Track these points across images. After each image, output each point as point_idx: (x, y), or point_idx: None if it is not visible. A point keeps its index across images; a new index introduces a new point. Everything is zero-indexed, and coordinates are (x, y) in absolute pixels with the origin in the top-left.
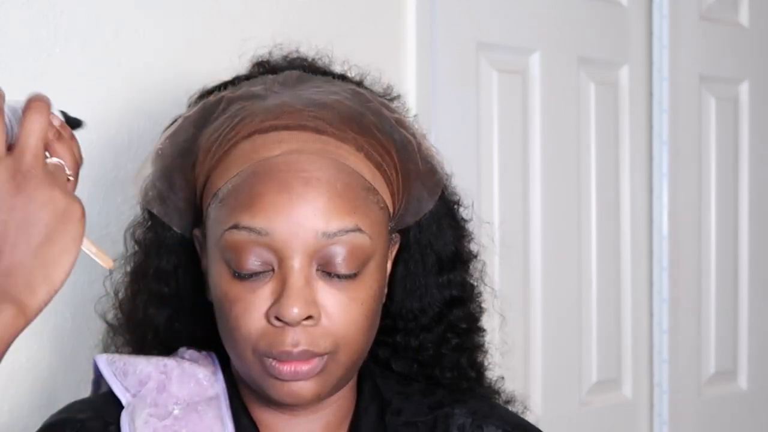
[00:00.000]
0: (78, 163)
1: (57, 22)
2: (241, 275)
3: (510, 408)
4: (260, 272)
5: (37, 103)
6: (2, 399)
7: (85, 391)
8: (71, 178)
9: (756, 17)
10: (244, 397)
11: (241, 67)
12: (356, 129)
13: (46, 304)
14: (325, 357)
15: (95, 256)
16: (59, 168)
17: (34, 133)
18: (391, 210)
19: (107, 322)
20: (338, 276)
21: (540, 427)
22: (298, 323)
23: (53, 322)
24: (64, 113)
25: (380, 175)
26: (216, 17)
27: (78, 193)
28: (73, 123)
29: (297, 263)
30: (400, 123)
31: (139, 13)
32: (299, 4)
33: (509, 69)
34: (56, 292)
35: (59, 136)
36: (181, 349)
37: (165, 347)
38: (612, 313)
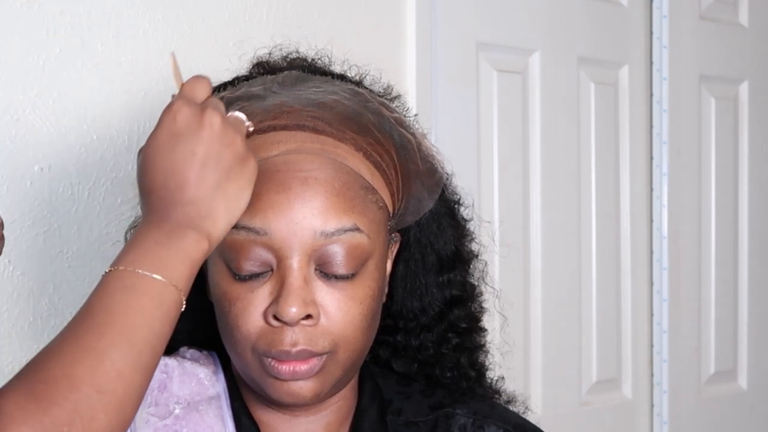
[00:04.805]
0: None
1: (57, 22)
2: (239, 276)
3: (511, 408)
4: (259, 272)
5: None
6: None
7: None
8: (251, 129)
9: (755, 17)
10: (245, 397)
11: (241, 67)
12: (355, 129)
13: (224, 235)
14: (324, 357)
15: None
16: (239, 119)
17: (205, 87)
18: (390, 209)
19: None
20: (336, 276)
21: (540, 427)
22: (296, 323)
23: (53, 322)
24: None
25: (379, 175)
26: (216, 18)
27: (78, 193)
28: None
29: (295, 263)
30: (400, 122)
31: (139, 13)
32: (299, 5)
33: (509, 69)
34: (232, 225)
35: None
36: (183, 349)
37: (166, 348)
38: (612, 313)
